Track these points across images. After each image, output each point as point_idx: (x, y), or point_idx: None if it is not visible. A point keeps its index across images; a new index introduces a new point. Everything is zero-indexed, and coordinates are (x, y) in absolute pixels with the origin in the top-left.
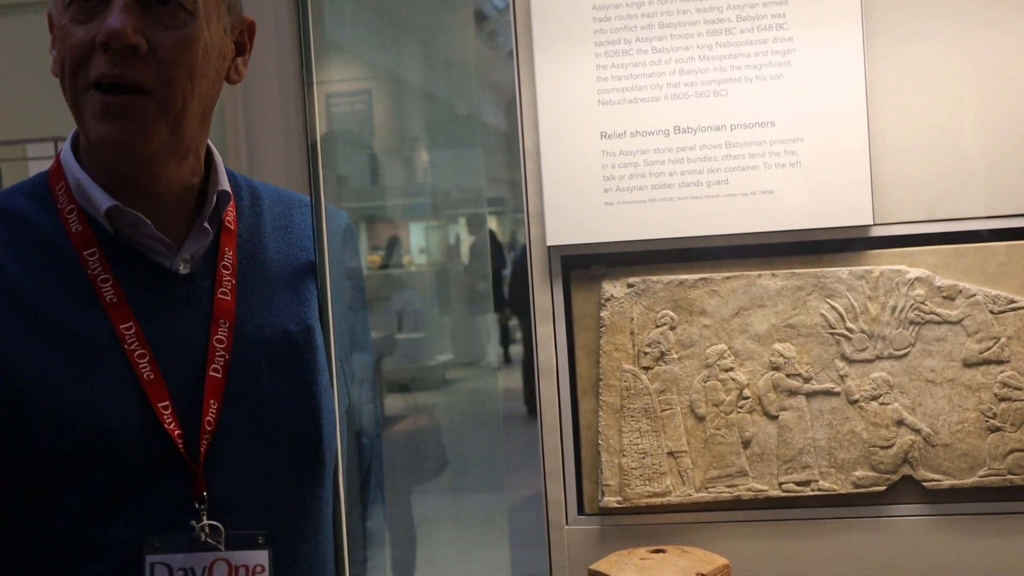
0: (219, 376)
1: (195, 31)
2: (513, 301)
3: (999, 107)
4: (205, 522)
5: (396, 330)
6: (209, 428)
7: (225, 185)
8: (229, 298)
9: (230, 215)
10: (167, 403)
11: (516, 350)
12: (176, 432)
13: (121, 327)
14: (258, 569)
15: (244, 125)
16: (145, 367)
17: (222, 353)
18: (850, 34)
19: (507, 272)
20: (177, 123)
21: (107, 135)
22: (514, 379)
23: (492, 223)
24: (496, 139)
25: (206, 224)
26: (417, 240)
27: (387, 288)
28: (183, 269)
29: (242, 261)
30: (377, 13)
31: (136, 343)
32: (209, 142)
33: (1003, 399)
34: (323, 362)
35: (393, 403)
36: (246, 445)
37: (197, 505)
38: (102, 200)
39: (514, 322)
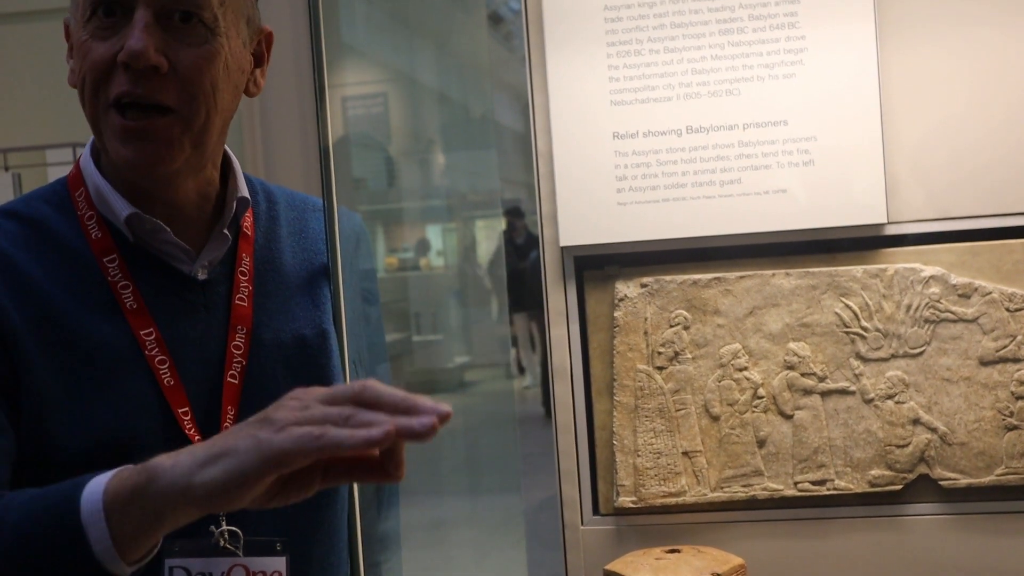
0: (236, 382)
1: (216, 47)
2: (528, 302)
3: (1014, 104)
4: (224, 527)
5: (415, 332)
6: None
7: (244, 192)
8: (246, 304)
9: (247, 221)
10: (187, 409)
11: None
12: (196, 438)
13: (141, 333)
14: (275, 575)
15: (260, 128)
16: (166, 373)
17: (239, 359)
18: (863, 32)
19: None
20: (200, 139)
21: (129, 158)
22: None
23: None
24: (513, 141)
25: (225, 231)
26: (434, 242)
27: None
28: (202, 275)
29: (258, 267)
30: (392, 16)
31: (156, 349)
32: (227, 147)
33: (1020, 397)
34: (337, 367)
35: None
36: None
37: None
38: (122, 207)
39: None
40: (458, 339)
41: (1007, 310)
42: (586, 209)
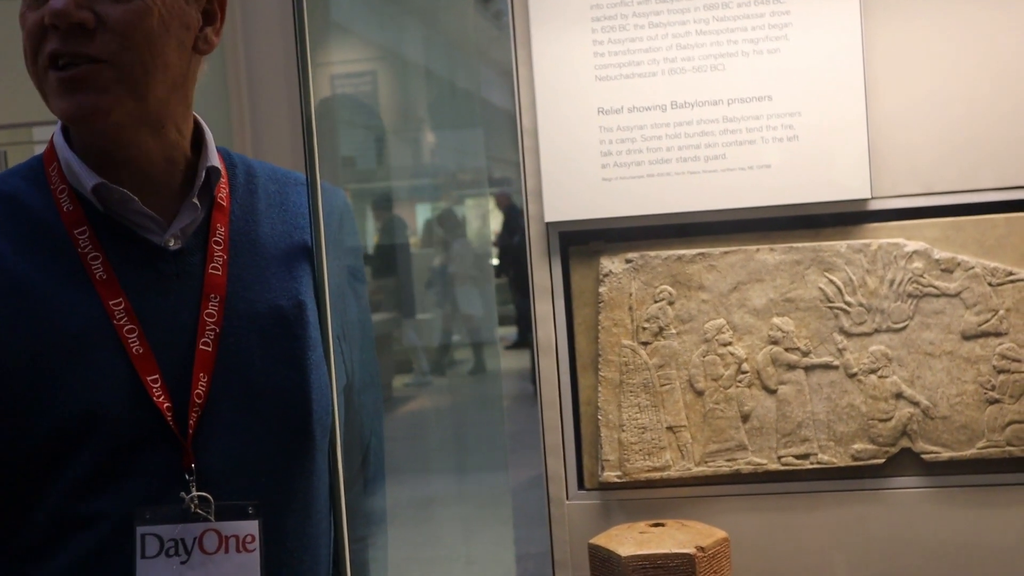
0: (209, 350)
1: (145, 3)
2: (514, 279)
3: (996, 80)
4: (194, 493)
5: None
6: (199, 401)
7: (214, 161)
8: (220, 273)
9: (222, 191)
10: (156, 376)
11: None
12: (165, 405)
13: (111, 303)
14: (248, 539)
15: (249, 105)
16: (134, 342)
17: (212, 327)
18: (847, 7)
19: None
20: (140, 91)
21: (66, 110)
22: (526, 358)
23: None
24: (503, 119)
25: (195, 200)
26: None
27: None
28: (173, 245)
29: (234, 237)
30: None
31: (125, 318)
32: (200, 119)
33: (1001, 371)
34: (314, 338)
35: (400, 384)
36: (235, 418)
37: (187, 477)
38: (88, 178)
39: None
40: (447, 318)
41: (989, 284)
42: (571, 185)
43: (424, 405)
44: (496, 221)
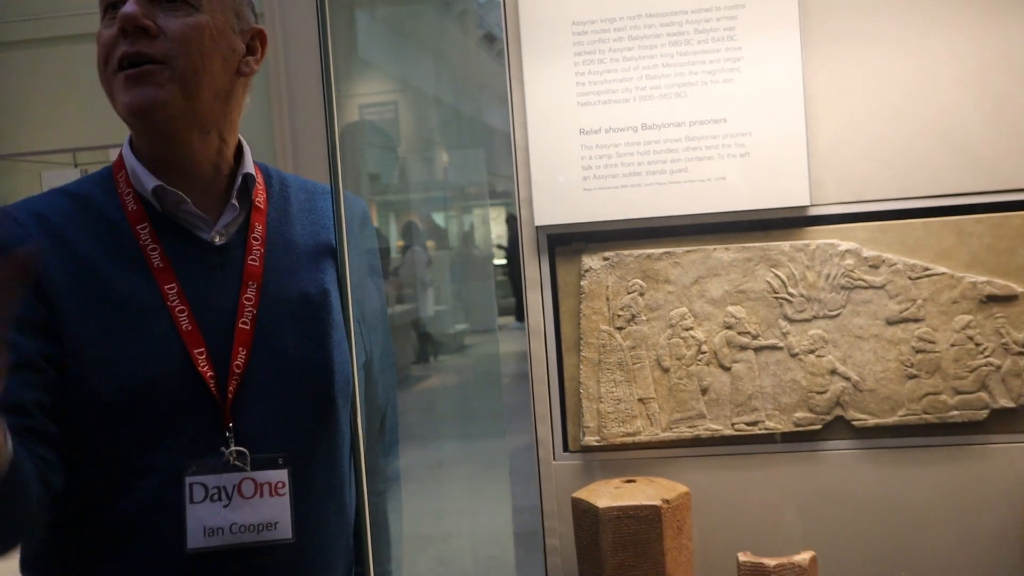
0: (247, 328)
1: (200, 20)
2: (511, 275)
3: (916, 104)
4: (232, 448)
5: (429, 304)
6: (238, 371)
7: (250, 169)
8: (258, 264)
9: (260, 196)
10: (202, 350)
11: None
12: (209, 374)
13: (165, 287)
14: (279, 485)
15: (289, 128)
16: (184, 320)
17: (250, 309)
18: (790, 45)
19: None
20: (189, 91)
21: (129, 102)
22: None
23: (501, 212)
24: (504, 142)
25: (234, 201)
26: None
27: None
28: (218, 240)
29: (270, 235)
30: (403, 35)
31: (177, 300)
32: (242, 139)
33: (919, 351)
34: (337, 320)
35: (419, 364)
36: (268, 387)
37: (227, 435)
38: (149, 181)
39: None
40: (458, 309)
41: (909, 278)
42: (557, 194)
43: (435, 383)
44: (500, 228)
